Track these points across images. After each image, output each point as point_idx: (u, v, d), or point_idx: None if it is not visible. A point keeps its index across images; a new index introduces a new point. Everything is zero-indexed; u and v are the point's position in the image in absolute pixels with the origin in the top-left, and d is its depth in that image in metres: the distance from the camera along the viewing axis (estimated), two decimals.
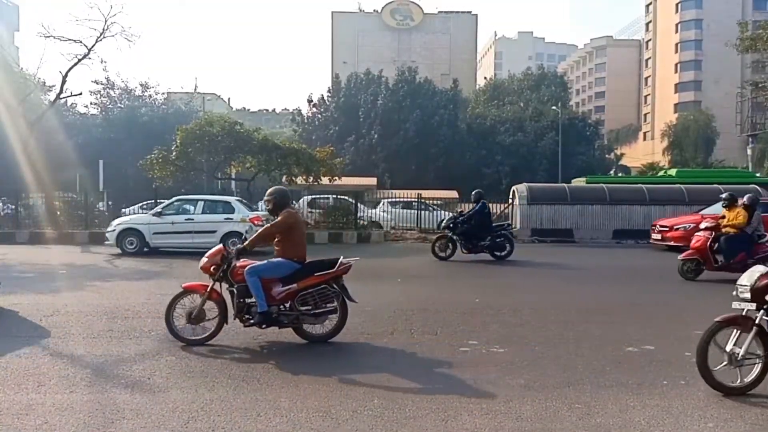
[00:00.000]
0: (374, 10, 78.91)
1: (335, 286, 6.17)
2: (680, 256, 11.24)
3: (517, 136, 46.76)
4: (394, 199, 24.63)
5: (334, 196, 22.23)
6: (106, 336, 6.48)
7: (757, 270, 4.77)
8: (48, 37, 21.44)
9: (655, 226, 17.48)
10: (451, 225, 14.17)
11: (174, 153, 20.82)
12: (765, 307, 4.63)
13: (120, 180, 31.51)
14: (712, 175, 27.05)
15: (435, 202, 24.90)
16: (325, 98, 47.66)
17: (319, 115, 47.16)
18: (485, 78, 76.70)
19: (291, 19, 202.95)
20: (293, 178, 21.59)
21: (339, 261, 6.22)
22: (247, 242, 6.28)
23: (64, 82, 22.23)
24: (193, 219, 15.41)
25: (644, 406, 4.47)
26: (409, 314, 7.68)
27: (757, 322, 4.64)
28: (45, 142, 27.45)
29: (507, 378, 5.10)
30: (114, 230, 15.60)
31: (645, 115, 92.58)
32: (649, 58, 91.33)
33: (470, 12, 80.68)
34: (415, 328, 6.97)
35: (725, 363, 4.67)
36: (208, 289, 6.16)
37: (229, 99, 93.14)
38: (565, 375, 5.19)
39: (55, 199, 21.88)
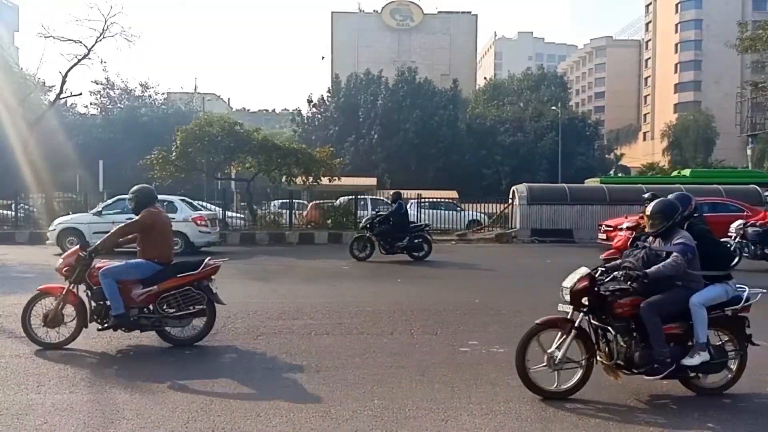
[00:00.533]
0: (374, 11, 78.90)
1: (200, 287, 5.97)
2: (602, 256, 11.20)
3: (517, 137, 46.78)
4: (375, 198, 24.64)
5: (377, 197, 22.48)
6: (105, 336, 6.47)
7: (579, 272, 4.66)
8: (48, 37, 21.52)
9: (601, 225, 17.33)
10: (368, 225, 14.05)
11: (174, 153, 20.81)
12: (584, 309, 4.54)
13: (120, 180, 31.44)
14: (726, 175, 26.97)
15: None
16: (325, 98, 47.69)
17: (319, 116, 47.19)
18: (485, 78, 76.76)
19: (291, 19, 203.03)
20: (293, 179, 21.59)
21: (204, 262, 6.06)
22: (99, 242, 6.05)
23: (63, 82, 22.28)
24: (133, 218, 15.14)
25: (644, 406, 4.48)
26: (408, 314, 7.68)
27: (576, 325, 4.55)
28: (45, 143, 27.47)
29: (507, 378, 5.10)
30: (54, 230, 15.46)
31: (645, 115, 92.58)
32: (649, 58, 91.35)
33: (470, 12, 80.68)
34: (415, 328, 6.97)
35: (544, 365, 4.56)
36: (64, 292, 5.95)
37: (228, 99, 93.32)
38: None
39: (55, 200, 21.88)
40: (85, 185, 26.09)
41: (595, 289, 4.57)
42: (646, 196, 11.49)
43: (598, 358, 4.64)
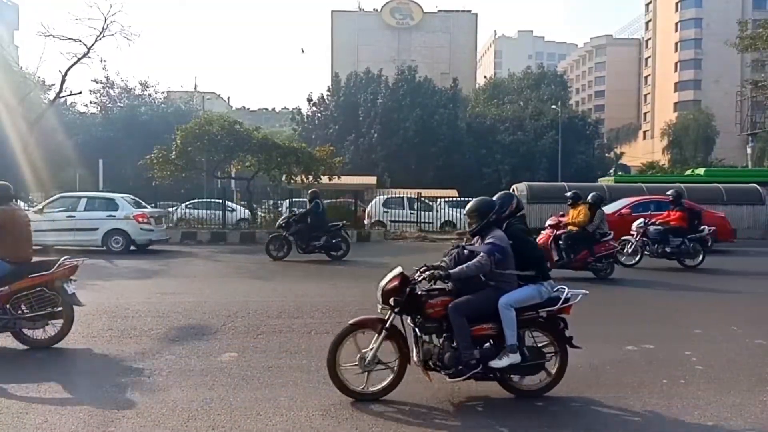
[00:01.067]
0: (374, 9, 78.84)
1: (53, 288, 5.85)
2: None
3: (517, 135, 46.77)
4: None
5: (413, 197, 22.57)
6: (105, 335, 6.48)
7: (393, 272, 4.59)
8: (48, 36, 21.46)
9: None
10: (284, 224, 13.90)
11: (174, 152, 20.80)
12: (396, 309, 4.45)
13: (120, 179, 31.52)
14: (740, 174, 26.88)
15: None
16: (325, 97, 47.66)
17: (319, 114, 47.16)
18: (485, 77, 76.72)
19: (291, 19, 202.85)
20: (293, 177, 21.58)
21: (58, 262, 5.93)
22: None
23: (63, 81, 22.23)
24: (74, 216, 15.07)
25: (644, 405, 4.48)
26: None
27: (387, 325, 4.46)
28: (45, 142, 27.48)
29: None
30: None
31: (645, 114, 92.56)
32: (649, 57, 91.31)
33: (470, 11, 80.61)
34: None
35: (355, 365, 4.48)
36: None
37: (228, 98, 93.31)
38: (565, 374, 5.18)
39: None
40: (85, 184, 26.09)
41: (408, 288, 4.45)
42: (568, 194, 11.60)
43: (415, 359, 4.51)
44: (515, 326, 4.40)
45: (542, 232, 11.23)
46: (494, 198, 4.87)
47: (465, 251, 4.62)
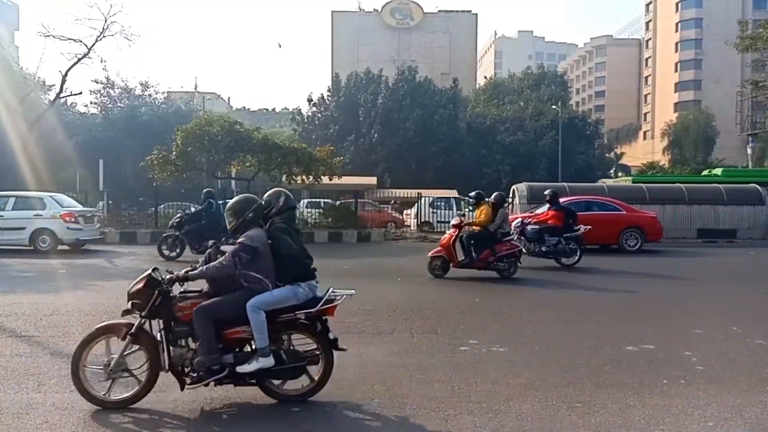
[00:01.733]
0: (374, 10, 78.87)
1: None
2: (429, 253, 11.33)
3: (517, 136, 46.77)
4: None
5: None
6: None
7: (142, 275, 4.36)
8: (48, 36, 21.49)
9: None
10: (176, 224, 13.78)
11: (174, 152, 20.80)
12: (143, 313, 4.24)
13: (120, 179, 31.53)
14: (758, 174, 26.84)
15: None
16: (325, 97, 47.67)
17: (319, 115, 47.16)
18: (485, 77, 76.71)
19: (291, 19, 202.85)
20: (293, 178, 21.58)
21: None
22: None
23: (63, 81, 22.25)
24: (2, 216, 15.13)
25: (644, 405, 4.48)
26: (409, 313, 7.68)
27: (132, 330, 4.25)
28: (45, 142, 27.48)
29: (507, 377, 5.11)
30: None
31: (645, 114, 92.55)
32: (649, 57, 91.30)
33: (470, 11, 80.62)
34: (415, 327, 6.97)
35: (100, 369, 4.28)
36: None
37: (228, 98, 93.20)
38: (565, 374, 5.19)
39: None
40: (85, 184, 26.09)
41: (158, 291, 4.23)
42: (472, 194, 11.66)
43: (165, 365, 4.28)
44: (265, 329, 4.18)
45: (448, 231, 11.31)
46: (265, 196, 4.71)
47: (219, 250, 4.44)
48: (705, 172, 30.80)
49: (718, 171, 29.07)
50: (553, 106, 50.00)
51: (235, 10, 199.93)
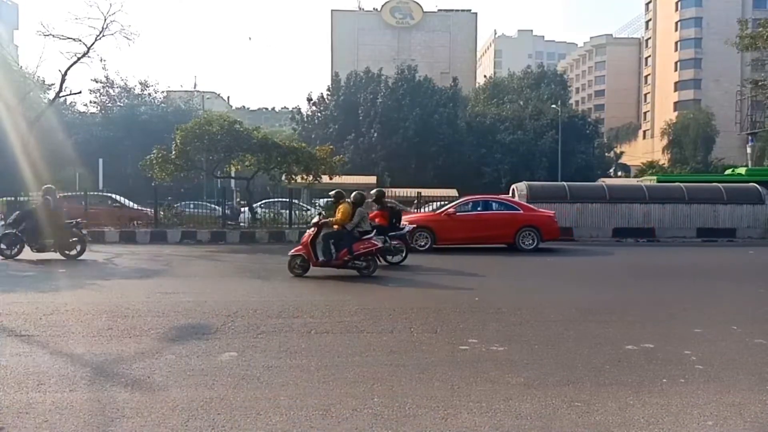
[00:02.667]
0: (374, 9, 78.88)
1: None
2: (290, 252, 11.35)
3: (517, 135, 46.78)
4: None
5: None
6: (106, 334, 6.48)
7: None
8: (47, 35, 21.47)
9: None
10: (12, 222, 13.62)
11: (173, 152, 20.79)
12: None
13: (119, 178, 31.54)
14: None
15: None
16: (325, 97, 47.68)
17: (319, 114, 47.19)
18: (485, 76, 76.71)
19: (291, 18, 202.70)
20: (293, 177, 21.58)
21: None
22: None
23: (63, 80, 22.23)
24: None
25: (644, 405, 4.48)
26: (408, 312, 7.68)
27: None
28: (44, 141, 27.47)
29: (507, 376, 5.11)
30: None
31: (645, 113, 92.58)
32: (649, 56, 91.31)
33: (470, 10, 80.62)
34: (414, 326, 6.97)
35: None
36: None
37: (228, 97, 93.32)
38: (564, 373, 5.19)
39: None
40: (85, 183, 26.07)
41: None
42: (331, 193, 11.76)
43: None
44: None
45: (307, 231, 11.36)
46: None
47: None
48: (728, 171, 30.75)
49: (742, 170, 29.02)
50: (553, 106, 50.02)
51: (234, 8, 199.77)
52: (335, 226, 11.05)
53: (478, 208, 16.46)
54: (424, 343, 6.21)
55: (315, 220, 11.48)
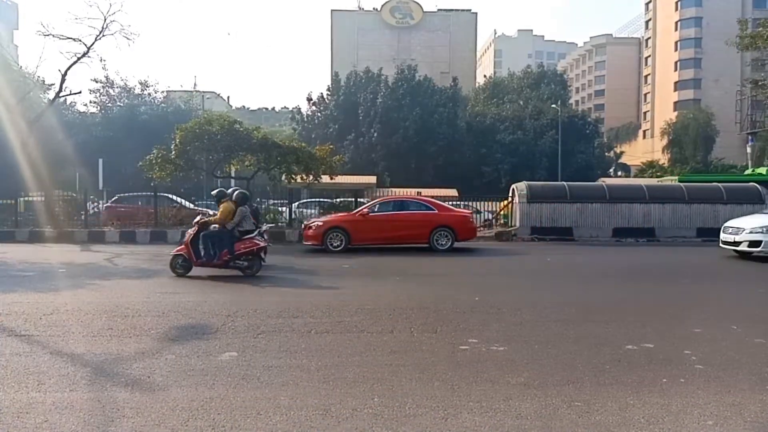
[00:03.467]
0: (374, 8, 78.87)
1: None
2: (173, 251, 11.33)
3: (517, 135, 46.78)
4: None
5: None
6: (106, 334, 6.48)
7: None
8: (47, 35, 21.42)
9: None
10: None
11: (173, 152, 20.77)
12: None
13: (119, 178, 31.53)
14: None
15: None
16: (325, 96, 47.67)
17: (319, 114, 47.18)
18: (485, 76, 76.74)
19: (291, 17, 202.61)
20: (293, 177, 21.56)
21: None
22: None
23: (63, 80, 22.20)
24: None
25: (644, 404, 4.48)
26: (408, 312, 7.68)
27: None
28: (44, 141, 27.41)
29: (507, 376, 5.11)
30: None
31: (644, 113, 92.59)
32: (649, 56, 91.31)
33: (470, 10, 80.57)
34: (414, 326, 6.97)
35: None
36: None
37: (228, 97, 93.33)
38: (564, 373, 5.19)
39: (54, 198, 21.87)
40: (85, 183, 26.06)
41: None
42: (213, 192, 11.72)
43: None
44: None
45: (188, 231, 11.34)
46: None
47: None
48: (748, 171, 30.71)
49: (762, 170, 28.98)
50: (553, 105, 50.02)
51: (235, 7, 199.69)
52: (217, 226, 11.03)
53: (393, 209, 16.45)
54: (425, 343, 6.21)
55: (197, 219, 11.45)
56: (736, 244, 14.27)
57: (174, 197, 23.46)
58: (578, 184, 24.10)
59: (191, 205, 23.10)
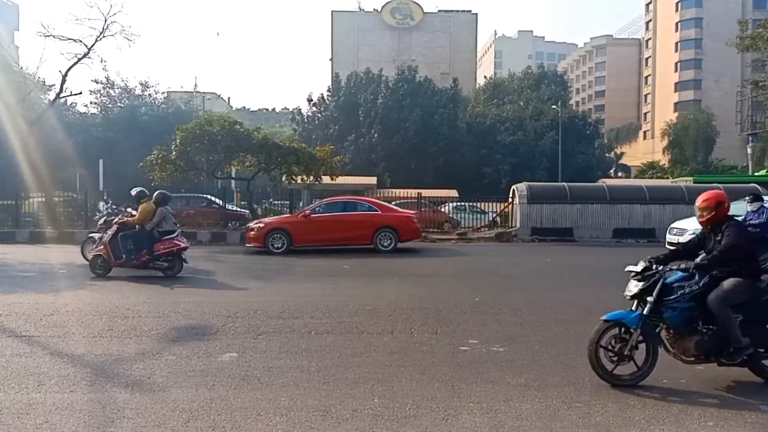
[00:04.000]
0: (374, 9, 78.84)
1: None
2: (92, 252, 11.28)
3: (517, 135, 46.76)
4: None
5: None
6: (106, 335, 6.49)
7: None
8: (48, 36, 21.46)
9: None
10: None
11: (174, 152, 20.78)
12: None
13: (120, 179, 31.47)
14: None
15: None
16: (325, 97, 47.67)
17: (319, 114, 47.18)
18: (485, 77, 76.70)
19: (291, 18, 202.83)
20: (293, 177, 21.57)
21: None
22: None
23: (63, 81, 22.23)
24: None
25: (644, 405, 4.48)
26: (409, 313, 7.68)
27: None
28: (45, 142, 27.44)
29: (507, 377, 5.11)
30: None
31: (645, 113, 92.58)
32: (649, 56, 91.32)
33: (470, 11, 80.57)
34: (415, 327, 6.97)
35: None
36: None
37: (228, 98, 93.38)
38: (565, 374, 5.19)
39: (54, 198, 21.89)
40: (85, 184, 26.07)
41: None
42: (132, 192, 11.58)
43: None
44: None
45: (108, 231, 11.30)
46: None
47: None
48: (762, 172, 30.71)
49: None
50: (553, 106, 49.99)
51: (235, 8, 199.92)
52: (136, 226, 11.00)
53: (336, 210, 16.38)
54: (425, 344, 6.21)
55: (117, 219, 11.41)
56: (680, 245, 14.26)
57: (214, 198, 23.61)
58: (578, 185, 24.11)
59: (233, 207, 23.26)
